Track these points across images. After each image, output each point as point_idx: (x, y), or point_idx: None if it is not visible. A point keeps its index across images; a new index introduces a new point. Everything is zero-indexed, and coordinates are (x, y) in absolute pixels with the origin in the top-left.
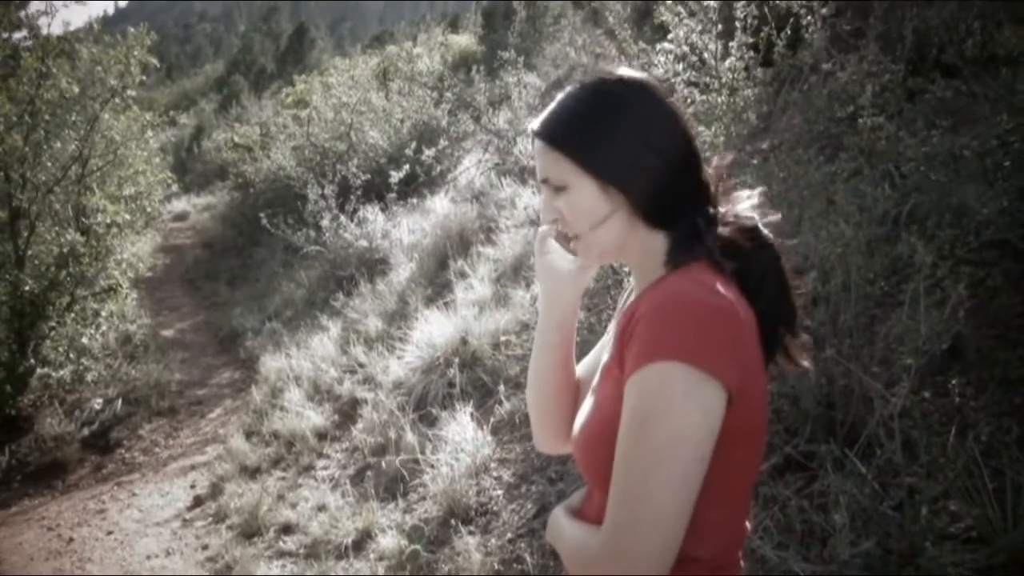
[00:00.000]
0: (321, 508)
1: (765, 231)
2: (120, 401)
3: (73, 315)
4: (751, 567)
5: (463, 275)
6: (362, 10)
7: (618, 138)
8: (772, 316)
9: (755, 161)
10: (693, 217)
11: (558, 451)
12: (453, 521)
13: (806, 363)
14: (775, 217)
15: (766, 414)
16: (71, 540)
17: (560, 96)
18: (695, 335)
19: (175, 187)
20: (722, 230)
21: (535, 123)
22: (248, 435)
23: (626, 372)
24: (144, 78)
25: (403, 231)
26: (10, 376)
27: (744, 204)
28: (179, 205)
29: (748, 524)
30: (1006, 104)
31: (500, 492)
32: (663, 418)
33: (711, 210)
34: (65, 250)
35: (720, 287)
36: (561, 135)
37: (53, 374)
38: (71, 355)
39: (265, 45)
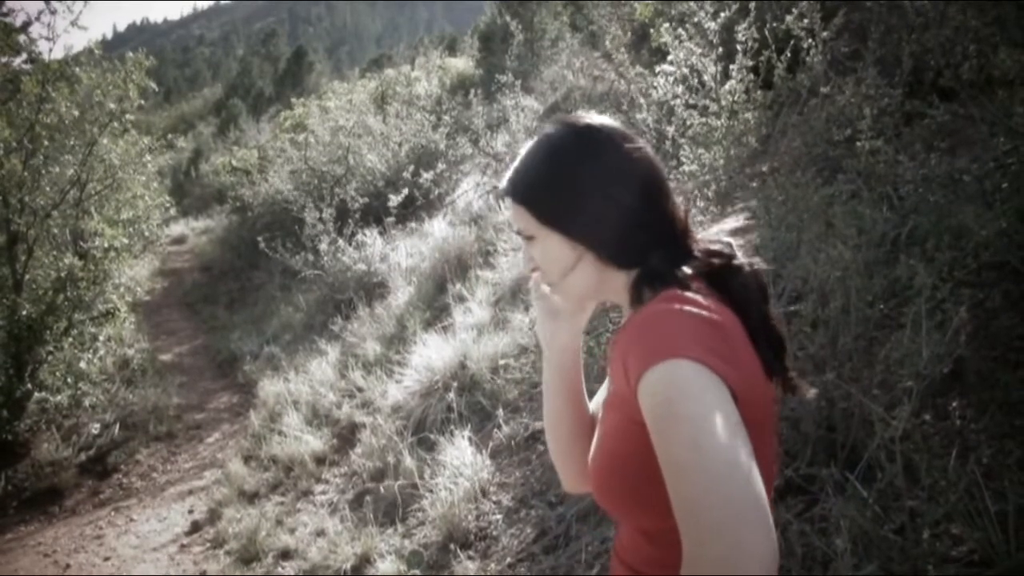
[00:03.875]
0: (320, 533)
1: (738, 254)
2: (118, 426)
3: (71, 339)
4: None
5: (461, 299)
6: (360, 34)
7: (575, 192)
8: (757, 336)
9: (754, 184)
10: (658, 254)
11: (584, 491)
12: (452, 546)
13: (810, 392)
14: (739, 239)
15: (772, 427)
16: (68, 566)
17: (522, 151)
18: (687, 337)
19: (173, 211)
20: (702, 256)
21: (503, 180)
22: (246, 460)
23: (632, 389)
24: (142, 102)
25: (401, 254)
26: (7, 401)
27: (717, 230)
28: (177, 229)
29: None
30: (1003, 127)
31: (499, 516)
32: (684, 396)
33: (682, 242)
34: (63, 274)
35: (700, 300)
36: (522, 192)
37: (50, 399)
38: (68, 380)
39: (263, 69)
